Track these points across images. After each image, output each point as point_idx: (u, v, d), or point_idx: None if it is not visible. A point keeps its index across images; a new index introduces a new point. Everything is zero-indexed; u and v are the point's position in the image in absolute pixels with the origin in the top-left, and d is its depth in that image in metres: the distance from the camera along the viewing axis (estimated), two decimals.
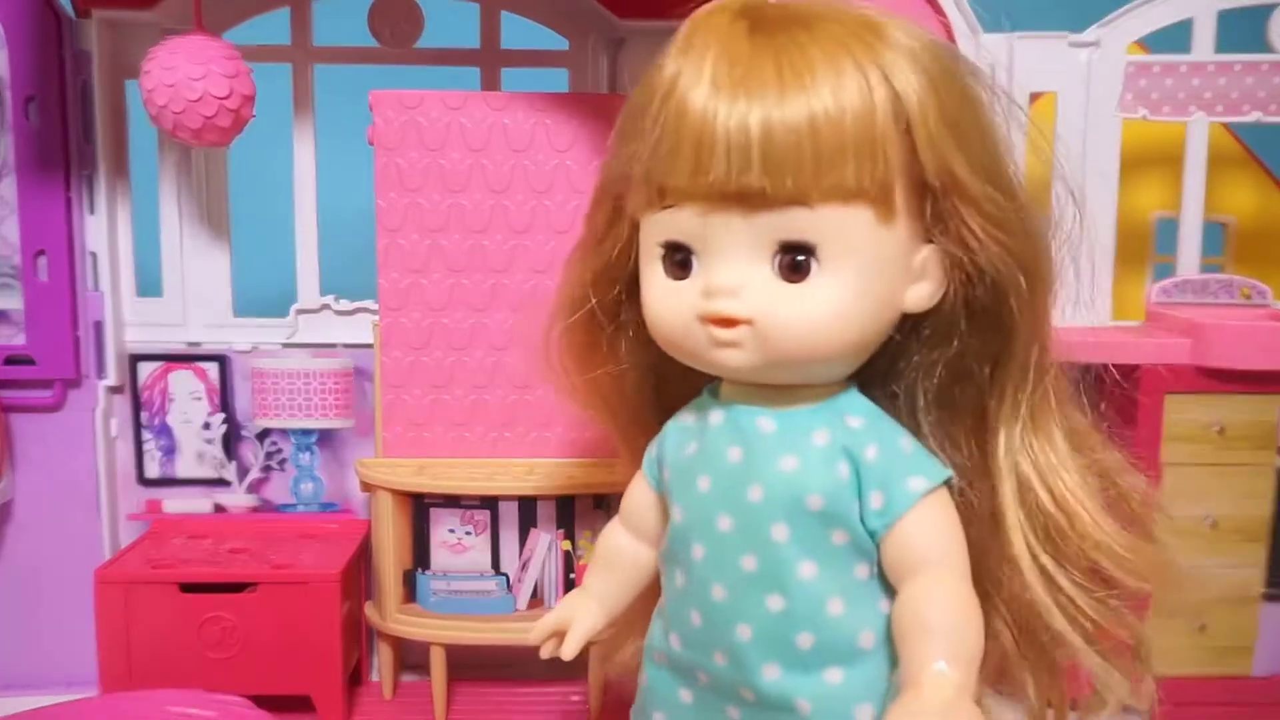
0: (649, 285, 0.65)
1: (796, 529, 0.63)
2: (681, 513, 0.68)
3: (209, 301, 1.31)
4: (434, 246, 1.20)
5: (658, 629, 0.72)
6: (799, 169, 0.57)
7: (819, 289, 0.60)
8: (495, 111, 1.19)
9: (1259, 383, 1.18)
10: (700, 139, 0.58)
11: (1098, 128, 1.28)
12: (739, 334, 0.61)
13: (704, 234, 0.61)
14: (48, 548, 1.30)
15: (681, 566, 0.68)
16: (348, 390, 1.28)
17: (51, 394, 1.28)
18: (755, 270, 0.60)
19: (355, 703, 1.25)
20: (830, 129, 0.57)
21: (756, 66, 0.57)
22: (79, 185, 1.26)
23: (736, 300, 0.60)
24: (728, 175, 0.58)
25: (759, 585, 0.64)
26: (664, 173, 0.60)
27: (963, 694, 0.58)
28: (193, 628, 1.15)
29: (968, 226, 0.62)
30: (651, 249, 0.64)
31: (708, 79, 0.58)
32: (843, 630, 0.64)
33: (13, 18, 1.20)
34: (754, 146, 0.57)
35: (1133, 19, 1.28)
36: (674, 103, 0.59)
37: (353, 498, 1.32)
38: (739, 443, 0.65)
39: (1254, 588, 1.23)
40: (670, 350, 0.66)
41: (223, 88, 1.12)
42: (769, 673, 0.64)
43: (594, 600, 0.76)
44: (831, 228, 0.59)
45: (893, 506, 0.63)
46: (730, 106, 0.57)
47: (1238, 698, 1.23)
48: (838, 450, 0.64)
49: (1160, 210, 1.51)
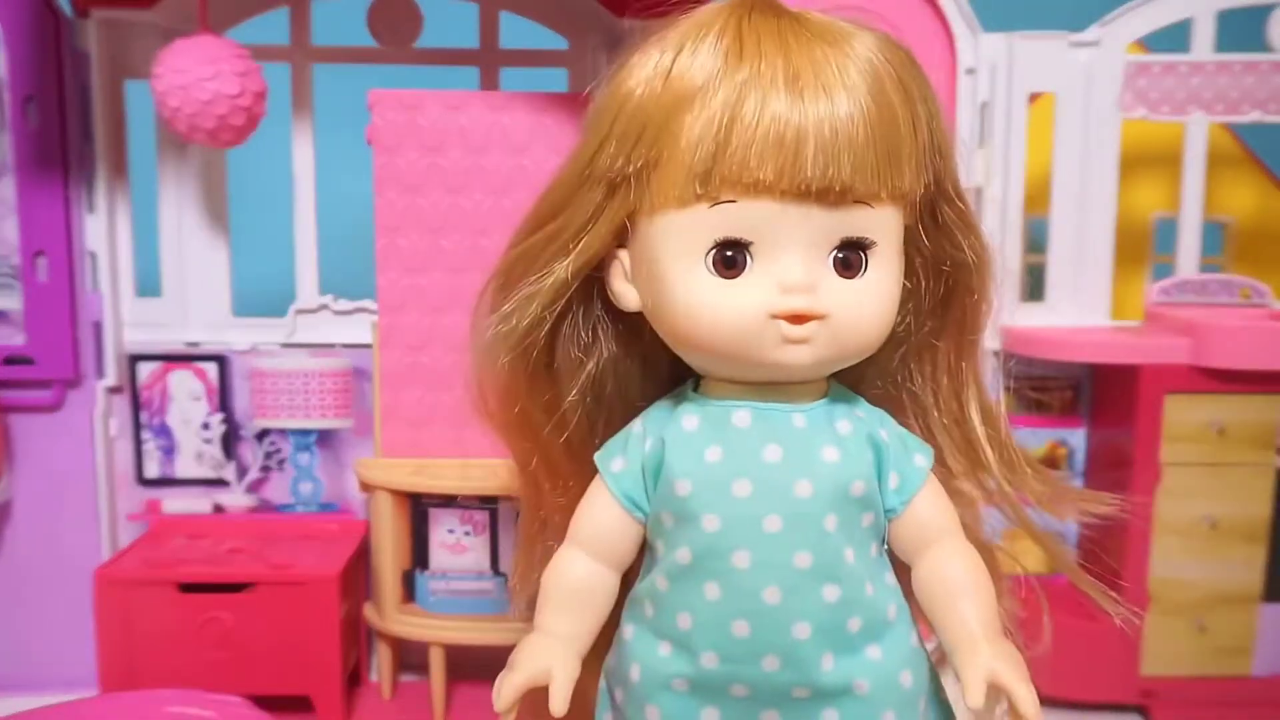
0: (683, 287, 0.63)
1: (842, 517, 0.65)
2: (718, 522, 0.65)
3: (208, 301, 1.31)
4: (433, 246, 1.20)
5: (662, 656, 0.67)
6: (877, 169, 0.60)
7: (870, 284, 0.63)
8: (495, 111, 1.19)
9: (1259, 383, 1.18)
10: (787, 136, 0.58)
11: (1098, 128, 1.28)
12: (811, 330, 0.62)
13: (773, 230, 0.61)
14: (47, 548, 1.30)
15: (716, 578, 0.65)
16: (346, 390, 1.28)
17: (51, 394, 1.28)
18: (819, 267, 0.62)
19: (354, 703, 1.25)
20: (896, 133, 0.60)
21: (830, 68, 0.59)
22: (78, 185, 1.26)
23: (813, 296, 0.61)
24: (822, 171, 0.59)
25: (815, 579, 0.64)
26: (738, 166, 0.59)
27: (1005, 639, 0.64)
28: (192, 628, 1.15)
29: (943, 224, 0.67)
30: (689, 247, 0.62)
31: (787, 78, 0.59)
32: (878, 607, 0.66)
33: (12, 18, 1.20)
34: (845, 144, 0.59)
35: (1133, 19, 1.28)
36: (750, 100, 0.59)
37: (352, 498, 1.32)
38: (775, 440, 0.65)
39: (1254, 588, 1.23)
40: (710, 352, 0.64)
41: (234, 86, 1.12)
42: (827, 663, 0.65)
43: (563, 645, 0.68)
44: (885, 225, 0.62)
45: (907, 485, 0.66)
46: (818, 105, 0.58)
47: (1238, 698, 1.23)
48: (863, 437, 0.66)
49: (1160, 210, 1.51)
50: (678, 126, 0.60)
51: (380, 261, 1.21)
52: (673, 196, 0.61)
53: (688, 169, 0.60)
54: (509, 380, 0.71)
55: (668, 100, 0.61)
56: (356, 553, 1.25)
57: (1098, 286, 1.31)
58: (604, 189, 0.64)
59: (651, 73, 0.62)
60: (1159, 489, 1.21)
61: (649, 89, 0.62)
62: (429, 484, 1.19)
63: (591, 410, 0.73)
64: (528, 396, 0.72)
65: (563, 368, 0.72)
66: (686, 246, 0.62)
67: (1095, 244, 1.30)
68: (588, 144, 0.65)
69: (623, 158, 0.63)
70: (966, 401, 0.72)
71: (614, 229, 0.65)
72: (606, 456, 0.69)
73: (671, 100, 0.61)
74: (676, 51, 0.62)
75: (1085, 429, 1.34)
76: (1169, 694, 1.23)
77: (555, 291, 0.68)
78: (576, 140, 0.67)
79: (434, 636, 1.19)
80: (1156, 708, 1.24)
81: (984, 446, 0.72)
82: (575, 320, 0.71)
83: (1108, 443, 1.30)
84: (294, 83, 1.29)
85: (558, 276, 0.67)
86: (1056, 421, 1.34)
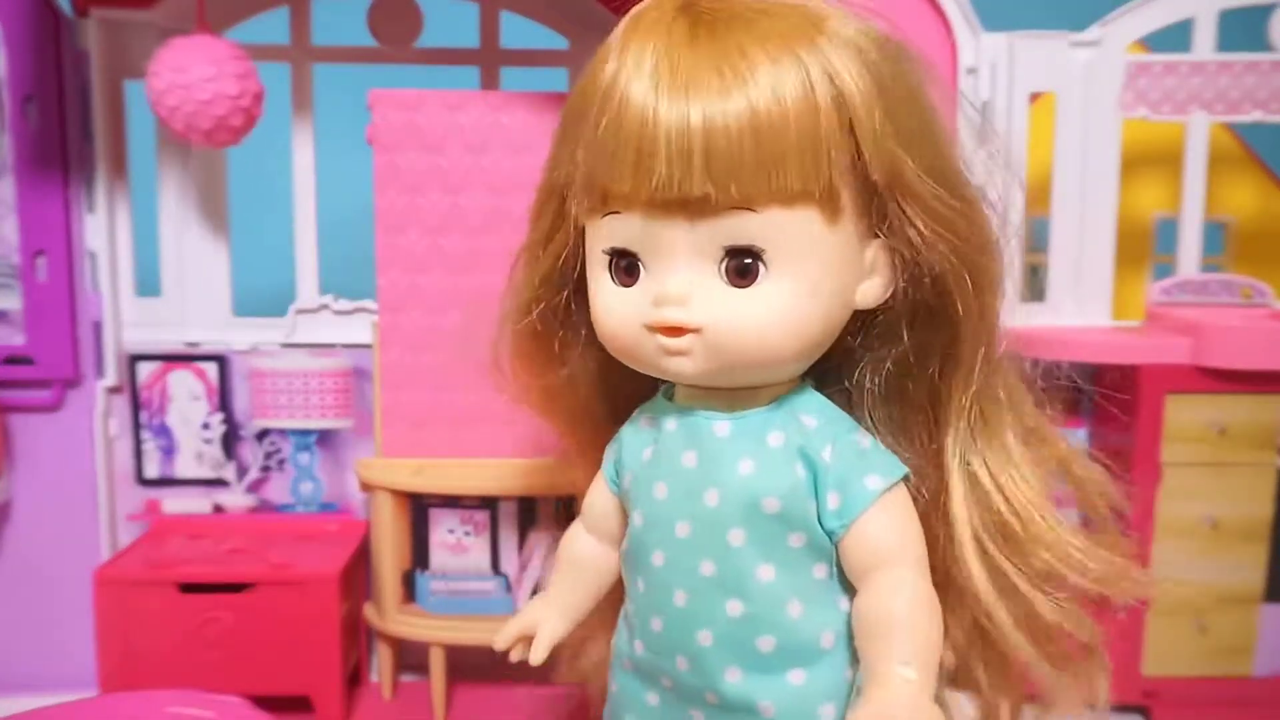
0: (596, 292, 0.64)
1: (754, 532, 0.63)
2: (641, 519, 0.67)
3: (208, 301, 1.31)
4: (433, 246, 1.20)
5: (623, 635, 0.71)
6: (742, 173, 0.56)
7: (768, 292, 0.59)
8: (495, 111, 1.19)
9: (1259, 383, 1.18)
10: (641, 145, 0.56)
11: (1098, 128, 1.28)
12: (688, 342, 0.60)
13: (649, 241, 0.60)
14: (47, 548, 1.30)
15: (642, 573, 0.67)
16: (347, 390, 1.28)
17: (51, 394, 1.28)
18: (703, 276, 0.59)
19: (354, 703, 1.25)
20: (773, 131, 0.55)
21: (697, 68, 0.56)
22: (78, 185, 1.26)
23: (685, 309, 0.59)
24: (670, 182, 0.56)
25: (718, 590, 0.63)
26: (606, 178, 0.58)
27: (924, 693, 0.58)
28: (192, 628, 1.15)
29: (913, 224, 0.61)
30: (597, 255, 0.63)
31: (648, 81, 0.56)
32: (803, 631, 0.63)
33: (11, 17, 1.20)
34: (696, 152, 0.55)
35: (1133, 18, 1.28)
36: (614, 105, 0.57)
37: (352, 498, 1.32)
38: (694, 447, 0.65)
39: (1255, 588, 1.23)
40: (621, 357, 0.65)
41: (234, 87, 1.11)
42: (731, 676, 0.64)
43: (557, 605, 0.75)
44: (778, 230, 0.58)
45: (850, 506, 0.62)
46: (670, 110, 0.55)
47: (1238, 698, 1.23)
48: (793, 451, 0.63)
49: (1160, 210, 1.51)
50: (579, 135, 0.61)
51: (380, 261, 1.21)
52: (583, 208, 0.62)
53: (582, 182, 0.61)
54: (520, 355, 0.76)
55: (577, 106, 0.62)
56: (356, 553, 1.25)
57: (1098, 286, 1.31)
58: (558, 198, 0.66)
59: (583, 78, 0.62)
60: (1159, 489, 1.21)
61: (574, 94, 0.63)
62: (429, 484, 1.19)
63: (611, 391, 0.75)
64: (542, 372, 0.76)
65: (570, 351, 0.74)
66: (595, 255, 0.63)
67: (1096, 244, 1.30)
68: (551, 152, 0.67)
69: (561, 169, 0.64)
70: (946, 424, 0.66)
71: (572, 233, 0.67)
72: (610, 441, 0.73)
73: (579, 106, 0.61)
74: (604, 55, 0.61)
75: (1086, 429, 1.34)
76: (1170, 694, 1.23)
77: (531, 290, 0.71)
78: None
79: (434, 636, 1.19)
80: (1157, 708, 1.24)
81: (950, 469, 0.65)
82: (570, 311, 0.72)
83: (1108, 443, 1.30)
84: (294, 83, 1.29)
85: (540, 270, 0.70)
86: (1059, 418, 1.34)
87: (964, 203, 0.63)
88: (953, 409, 0.66)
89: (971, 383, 0.65)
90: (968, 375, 0.65)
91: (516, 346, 0.75)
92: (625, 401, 0.73)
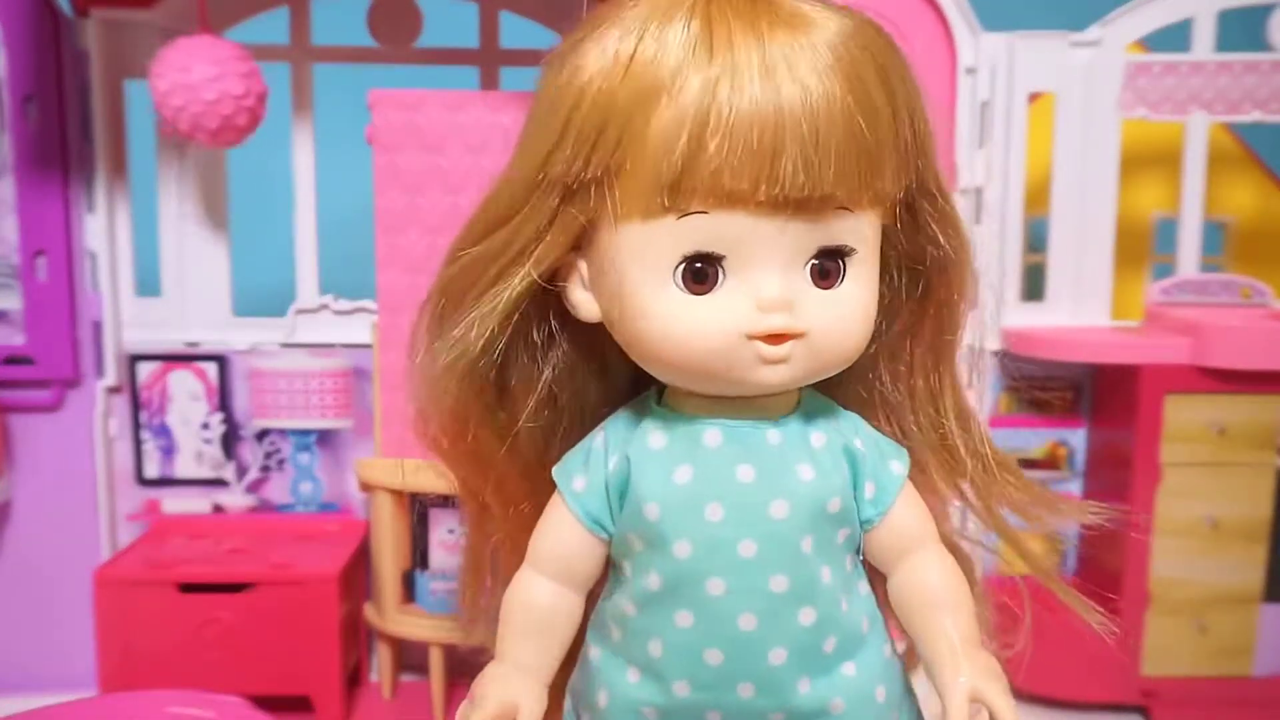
0: (651, 302, 0.57)
1: (819, 536, 0.61)
2: (690, 548, 0.61)
3: (208, 301, 1.31)
4: (433, 246, 1.20)
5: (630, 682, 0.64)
6: (856, 175, 0.55)
7: (850, 294, 0.58)
8: (495, 111, 1.18)
9: (1259, 383, 1.18)
10: (763, 142, 0.53)
11: (1098, 128, 1.28)
12: (789, 349, 0.57)
13: (747, 242, 0.56)
14: (47, 548, 1.30)
15: (689, 606, 0.61)
16: (346, 390, 1.28)
17: (50, 394, 1.28)
18: (795, 278, 0.57)
19: (354, 703, 1.25)
20: (876, 135, 0.55)
21: (803, 64, 0.54)
22: (78, 185, 1.26)
23: (792, 314, 0.56)
24: (800, 181, 0.54)
25: (792, 602, 0.61)
26: (709, 177, 0.54)
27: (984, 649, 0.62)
28: (192, 628, 1.15)
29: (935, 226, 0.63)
30: (656, 261, 0.57)
31: (760, 76, 0.53)
32: (850, 623, 0.63)
33: (11, 17, 1.20)
34: (823, 151, 0.54)
35: (1133, 18, 1.28)
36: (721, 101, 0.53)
37: (352, 498, 1.32)
38: (748, 460, 0.61)
39: (1254, 588, 1.23)
40: (680, 371, 0.59)
41: (239, 87, 1.11)
42: (803, 687, 0.62)
43: (528, 676, 0.64)
44: (864, 231, 0.58)
45: (883, 494, 0.63)
46: (794, 109, 0.53)
47: (1238, 698, 1.23)
48: (838, 450, 0.62)
49: (1160, 210, 1.51)
50: (642, 127, 0.54)
51: (380, 261, 1.21)
52: (638, 207, 0.55)
53: (654, 178, 0.54)
54: (460, 409, 0.64)
55: (630, 95, 0.54)
56: (356, 553, 1.25)
57: (1098, 286, 1.31)
58: (559, 194, 0.58)
59: (610, 61, 0.55)
60: (1159, 489, 1.21)
61: (608, 80, 0.55)
62: (428, 484, 1.18)
63: (546, 425, 0.67)
64: (480, 424, 0.65)
65: (518, 386, 0.65)
66: (653, 260, 0.56)
67: (1095, 244, 1.30)
68: (539, 142, 0.58)
69: (580, 161, 0.56)
70: (943, 404, 0.69)
71: (572, 236, 0.59)
72: (566, 473, 0.64)
73: (634, 95, 0.54)
74: (639, 37, 0.55)
75: (1086, 429, 1.34)
76: (1169, 694, 1.23)
77: (511, 306, 0.60)
78: (523, 132, 0.60)
79: (434, 636, 1.19)
80: (1157, 708, 1.24)
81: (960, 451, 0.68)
82: (528, 333, 0.64)
83: (1108, 443, 1.30)
84: (294, 83, 1.29)
85: (513, 290, 0.60)
86: (1057, 421, 1.34)
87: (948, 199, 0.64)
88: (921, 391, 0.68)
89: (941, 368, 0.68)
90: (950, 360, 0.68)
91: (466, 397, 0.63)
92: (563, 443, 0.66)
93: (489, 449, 0.66)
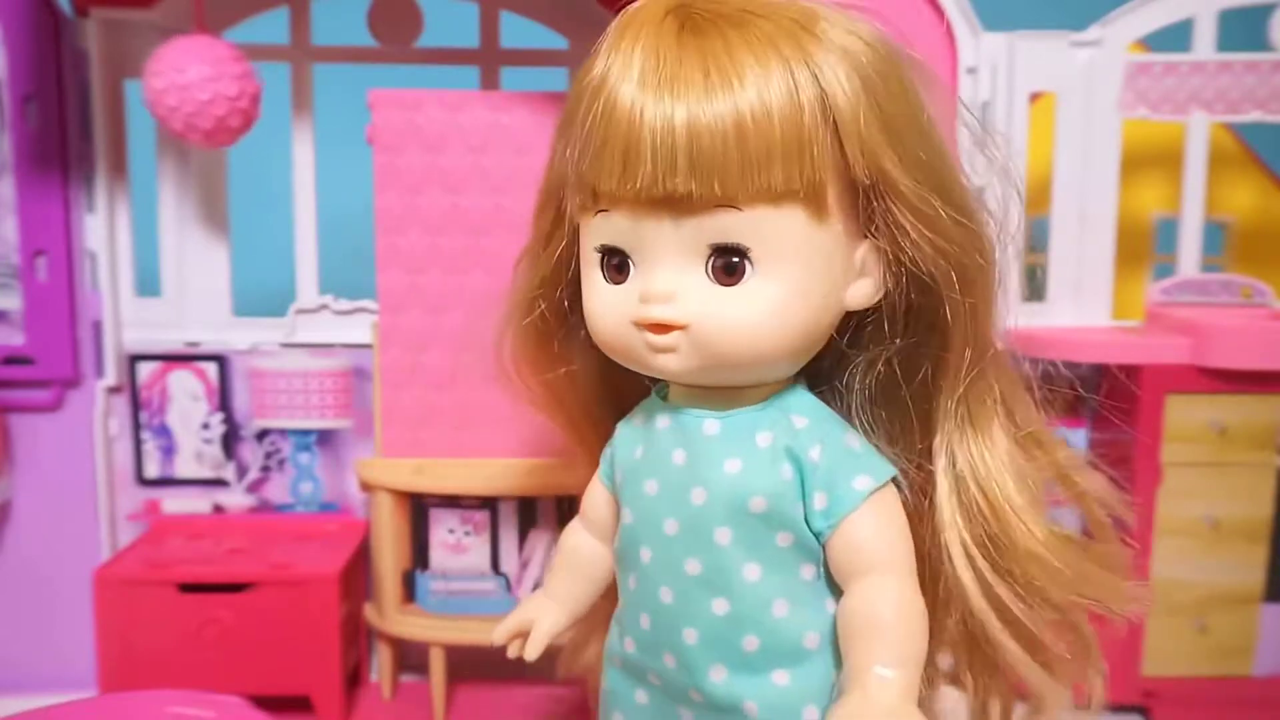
0: (589, 290, 0.65)
1: (739, 531, 0.63)
2: (631, 515, 0.68)
3: (208, 301, 1.31)
4: (433, 246, 1.20)
5: (615, 632, 0.72)
6: (726, 172, 0.56)
7: (754, 291, 0.60)
8: (495, 111, 1.19)
9: (1259, 383, 1.18)
10: (627, 142, 0.57)
11: (1098, 128, 1.28)
12: (674, 339, 0.61)
13: (637, 238, 0.61)
14: (47, 548, 1.30)
15: (632, 569, 0.68)
16: (346, 390, 1.28)
17: (50, 394, 1.28)
18: (689, 274, 0.60)
19: (354, 703, 1.25)
20: (757, 130, 0.56)
21: (683, 67, 0.56)
22: (78, 185, 1.26)
23: (671, 306, 0.60)
24: (654, 179, 0.57)
25: (704, 588, 0.64)
26: (595, 176, 0.59)
27: (907, 698, 0.58)
28: (192, 628, 1.15)
29: (899, 225, 0.61)
30: (589, 253, 0.64)
31: (635, 79, 0.57)
32: (788, 632, 0.64)
33: (11, 17, 1.20)
34: (679, 150, 0.56)
35: (1133, 18, 1.27)
36: (602, 103, 0.58)
37: (352, 498, 1.32)
38: (683, 445, 0.65)
39: (1255, 588, 1.23)
40: (611, 355, 0.66)
41: (233, 88, 1.11)
42: (715, 675, 0.64)
43: (554, 601, 0.77)
44: (763, 229, 0.58)
45: (836, 507, 0.62)
46: (656, 108, 0.56)
47: (1238, 698, 1.23)
48: (780, 451, 0.63)
49: (1160, 210, 1.51)
50: (573, 136, 0.62)
51: (380, 261, 1.21)
52: (574, 206, 0.64)
53: (575, 181, 0.62)
54: (521, 351, 0.77)
55: (572, 108, 0.62)
56: (356, 553, 1.25)
57: (1098, 286, 1.31)
58: (556, 198, 0.68)
59: (577, 78, 0.63)
60: (1160, 489, 1.21)
61: (580, 95, 0.62)
62: (429, 484, 1.19)
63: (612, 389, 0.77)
64: (544, 368, 0.77)
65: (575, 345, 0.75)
66: (588, 252, 0.64)
67: (1096, 244, 1.30)
68: (550, 153, 0.69)
69: (557, 168, 0.66)
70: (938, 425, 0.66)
71: (573, 233, 0.68)
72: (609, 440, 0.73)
73: (574, 108, 0.62)
74: (601, 55, 0.61)
75: (1086, 429, 1.34)
76: (1169, 694, 1.23)
77: (533, 289, 0.73)
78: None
79: (434, 636, 1.19)
80: (1157, 708, 1.24)
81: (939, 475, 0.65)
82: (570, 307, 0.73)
83: (1108, 443, 1.30)
84: (294, 83, 1.29)
85: (534, 276, 0.73)
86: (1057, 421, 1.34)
87: (955, 206, 0.62)
88: (940, 412, 0.66)
89: (958, 385, 0.65)
90: (955, 378, 0.65)
91: (519, 346, 0.77)
92: (625, 400, 0.74)
93: (560, 388, 0.78)
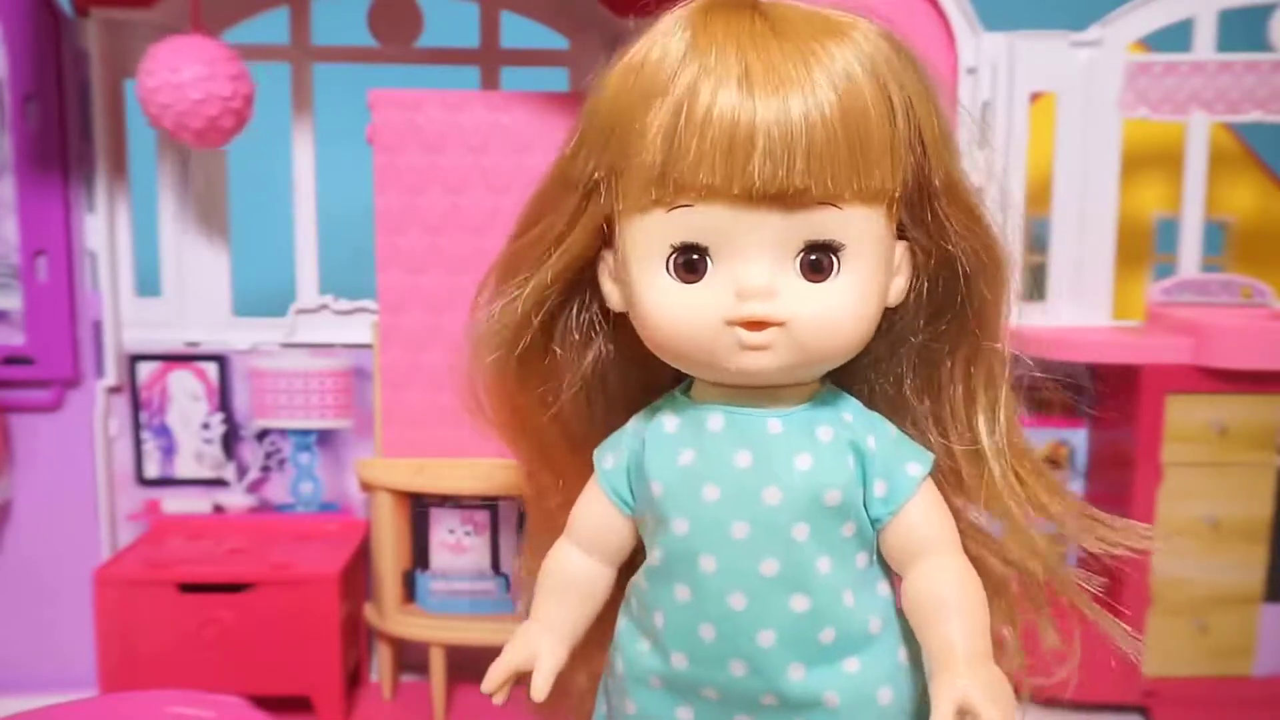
0: (647, 291, 0.63)
1: (815, 526, 0.63)
2: (686, 525, 0.65)
3: (208, 301, 1.31)
4: (433, 246, 1.20)
5: (642, 650, 0.69)
6: (837, 170, 0.58)
7: (840, 288, 0.61)
8: (495, 111, 1.19)
9: (1259, 383, 1.18)
10: (736, 138, 0.57)
11: (1098, 128, 1.28)
12: (770, 336, 0.60)
13: (729, 234, 0.60)
14: (47, 548, 1.30)
15: (684, 581, 0.66)
16: (347, 390, 1.28)
17: (50, 394, 1.28)
18: (782, 270, 0.60)
19: (355, 703, 1.25)
20: (864, 130, 0.58)
21: (789, 66, 0.57)
22: (78, 185, 1.26)
23: (771, 302, 0.60)
24: (771, 175, 0.57)
25: (782, 588, 0.64)
26: (688, 172, 0.58)
27: (990, 666, 0.61)
28: (192, 628, 1.15)
29: (952, 224, 0.64)
30: (651, 251, 0.62)
31: (740, 77, 0.57)
32: (855, 619, 0.65)
33: (11, 17, 1.20)
34: (797, 146, 0.57)
35: (1133, 18, 1.28)
36: (700, 99, 0.57)
37: (352, 498, 1.32)
38: (746, 446, 0.64)
39: (1255, 588, 1.23)
40: (678, 357, 0.64)
41: (227, 88, 1.11)
42: (794, 673, 0.64)
43: (552, 633, 0.71)
44: (856, 227, 0.60)
45: (896, 494, 0.64)
46: (769, 106, 0.57)
47: (1238, 698, 1.23)
48: (844, 443, 0.64)
49: (1160, 210, 1.51)
50: (641, 127, 0.59)
51: (380, 261, 1.21)
52: (636, 202, 0.61)
53: (645, 174, 0.59)
54: (500, 375, 0.72)
55: (635, 98, 0.60)
56: (356, 553, 1.25)
57: (1099, 286, 1.31)
58: (580, 193, 0.65)
59: (623, 72, 0.61)
60: (1160, 489, 1.21)
61: (619, 88, 0.61)
62: (429, 484, 1.19)
63: (594, 406, 0.73)
64: (519, 392, 0.73)
65: (561, 362, 0.72)
66: (649, 250, 0.62)
67: (1096, 244, 1.30)
68: (568, 147, 0.66)
69: (593, 161, 0.63)
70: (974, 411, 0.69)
71: (594, 231, 0.65)
72: (601, 453, 0.70)
73: (638, 98, 0.60)
74: (649, 46, 0.60)
75: (1087, 429, 1.34)
76: (1170, 694, 1.23)
77: (538, 293, 0.68)
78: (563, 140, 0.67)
79: (434, 636, 1.19)
80: (1157, 708, 1.24)
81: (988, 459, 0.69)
82: (571, 315, 0.70)
83: (1109, 443, 1.30)
84: (294, 83, 1.29)
85: (540, 279, 0.68)
86: (1058, 421, 1.34)
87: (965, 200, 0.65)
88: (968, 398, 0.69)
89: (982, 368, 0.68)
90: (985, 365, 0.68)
91: (503, 367, 0.71)
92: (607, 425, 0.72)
93: (532, 419, 0.74)
